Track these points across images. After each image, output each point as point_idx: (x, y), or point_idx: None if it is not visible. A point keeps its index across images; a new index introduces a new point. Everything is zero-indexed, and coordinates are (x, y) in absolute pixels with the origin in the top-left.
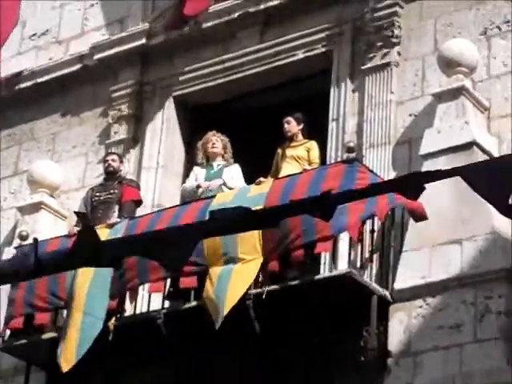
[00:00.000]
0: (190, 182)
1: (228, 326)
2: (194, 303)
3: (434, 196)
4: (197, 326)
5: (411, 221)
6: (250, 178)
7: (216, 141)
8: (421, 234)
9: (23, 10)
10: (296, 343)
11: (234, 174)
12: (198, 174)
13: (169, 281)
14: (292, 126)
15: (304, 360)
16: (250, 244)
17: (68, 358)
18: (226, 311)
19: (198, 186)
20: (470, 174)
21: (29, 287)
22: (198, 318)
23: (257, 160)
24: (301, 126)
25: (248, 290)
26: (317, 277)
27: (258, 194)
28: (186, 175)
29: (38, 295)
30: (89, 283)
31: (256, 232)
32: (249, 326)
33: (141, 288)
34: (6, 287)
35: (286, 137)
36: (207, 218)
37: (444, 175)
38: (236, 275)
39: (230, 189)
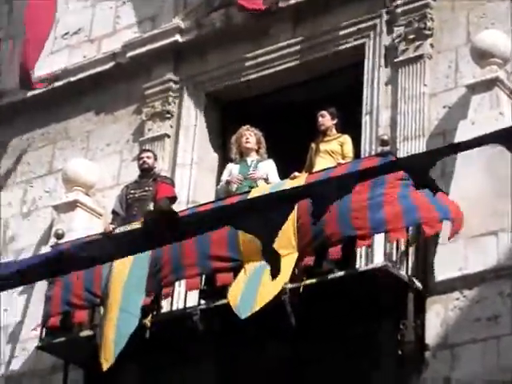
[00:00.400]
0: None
1: (264, 320)
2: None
3: (469, 188)
4: (233, 321)
5: None
6: (283, 173)
7: (250, 135)
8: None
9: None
10: (332, 337)
11: (268, 169)
12: (232, 169)
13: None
14: (326, 119)
15: (341, 354)
16: (285, 239)
17: (107, 356)
18: (259, 305)
19: (228, 182)
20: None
21: (65, 284)
22: (234, 313)
23: (290, 155)
24: (335, 121)
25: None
26: (353, 270)
27: None
28: (220, 171)
29: (74, 293)
30: (125, 280)
31: (291, 226)
32: (285, 320)
33: (177, 284)
34: (41, 286)
35: (319, 131)
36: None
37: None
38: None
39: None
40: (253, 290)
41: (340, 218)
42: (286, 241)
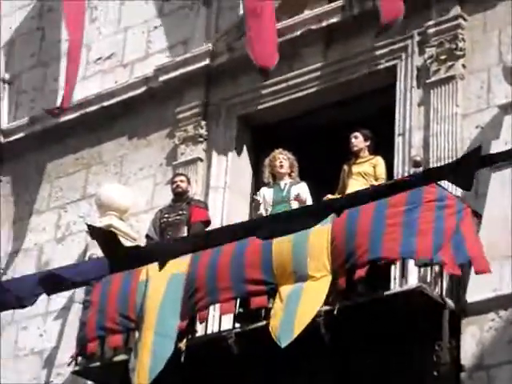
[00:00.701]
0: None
1: (298, 343)
2: (264, 322)
3: (503, 208)
4: (268, 344)
5: (480, 233)
6: (316, 196)
7: (283, 159)
8: (491, 247)
9: (88, 34)
10: (368, 359)
11: (302, 191)
12: (265, 193)
13: (238, 301)
14: (359, 141)
15: (377, 376)
16: (319, 261)
17: (141, 380)
18: (297, 331)
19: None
20: None
21: (100, 308)
22: (268, 336)
23: (322, 178)
24: (368, 143)
25: None
26: (387, 292)
27: None
28: (254, 194)
29: (109, 317)
30: (159, 304)
31: (325, 248)
32: (319, 342)
33: (211, 308)
34: (76, 309)
35: (351, 152)
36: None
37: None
38: (306, 294)
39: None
40: (291, 317)
41: (371, 241)
42: (321, 263)
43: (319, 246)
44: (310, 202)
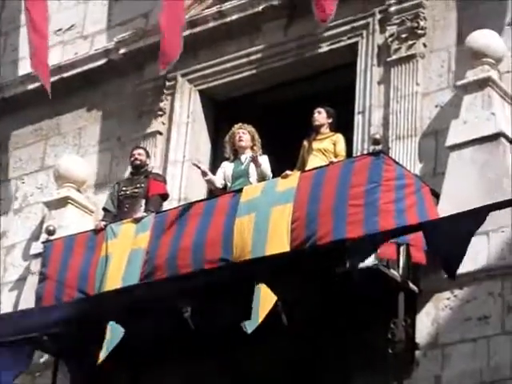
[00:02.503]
0: (220, 180)
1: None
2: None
3: (460, 188)
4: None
5: (438, 212)
6: (275, 172)
7: (243, 133)
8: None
9: (49, 5)
10: (323, 336)
11: (266, 169)
12: (226, 168)
13: None
14: (322, 116)
15: (331, 353)
16: (279, 240)
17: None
18: (262, 316)
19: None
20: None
21: (58, 282)
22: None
23: (282, 153)
24: (330, 120)
25: None
26: (343, 269)
27: (286, 190)
28: (213, 169)
29: (67, 292)
30: (120, 279)
31: (285, 230)
32: (277, 319)
33: None
34: (31, 282)
35: (313, 127)
36: (238, 213)
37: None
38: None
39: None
40: (255, 301)
41: (335, 221)
42: (280, 244)
43: (280, 224)
44: (269, 173)
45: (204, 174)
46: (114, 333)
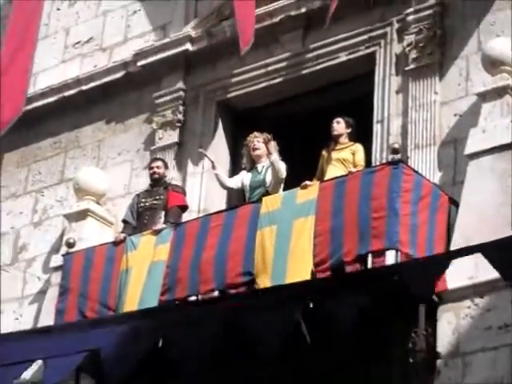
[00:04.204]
0: (234, 182)
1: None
2: None
3: (480, 197)
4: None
5: (457, 222)
6: (294, 182)
7: (257, 142)
8: (467, 235)
9: (67, 18)
10: (344, 345)
11: (276, 158)
12: (244, 178)
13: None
14: (341, 126)
15: (352, 362)
16: (301, 256)
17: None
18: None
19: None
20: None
21: (81, 296)
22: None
23: (301, 164)
24: (349, 130)
25: None
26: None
27: (306, 201)
28: (232, 176)
29: (89, 306)
30: (140, 292)
31: (308, 244)
32: (296, 328)
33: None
34: (51, 295)
35: (331, 137)
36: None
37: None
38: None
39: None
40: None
41: (359, 236)
42: (301, 255)
43: (302, 237)
44: (283, 168)
45: (214, 166)
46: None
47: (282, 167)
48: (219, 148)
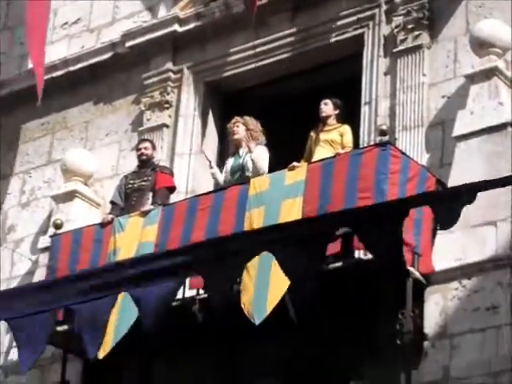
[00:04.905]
0: (222, 177)
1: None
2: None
3: (468, 178)
4: (232, 313)
5: None
6: (282, 163)
7: (237, 126)
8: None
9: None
10: (331, 326)
11: (257, 156)
12: (227, 163)
13: None
14: (329, 108)
15: (339, 344)
16: None
17: (104, 345)
18: (269, 308)
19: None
20: None
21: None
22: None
23: (289, 145)
24: (336, 111)
25: None
26: (351, 261)
27: (294, 183)
28: (220, 161)
29: None
30: None
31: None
32: (285, 311)
33: None
34: (40, 273)
35: (320, 118)
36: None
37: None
38: (276, 267)
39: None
40: (263, 292)
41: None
42: None
43: (290, 219)
44: (265, 164)
45: (211, 165)
46: (123, 318)
47: (263, 163)
48: (207, 129)
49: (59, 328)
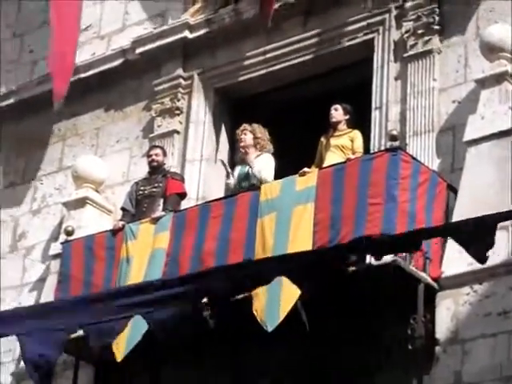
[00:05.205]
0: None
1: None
2: (241, 295)
3: (480, 183)
4: (244, 318)
5: (455, 208)
6: (292, 169)
7: (244, 134)
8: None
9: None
10: (343, 332)
11: (261, 165)
12: (235, 171)
13: None
14: (339, 113)
15: (351, 349)
16: (301, 244)
17: (119, 349)
18: (282, 315)
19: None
20: None
21: (85, 284)
22: (247, 310)
23: (300, 151)
24: (347, 117)
25: None
26: (363, 266)
27: (305, 188)
28: (231, 167)
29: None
30: (142, 277)
31: (308, 232)
32: (296, 315)
33: None
34: (51, 282)
35: (330, 124)
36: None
37: None
38: None
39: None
40: (275, 299)
41: (356, 222)
42: (301, 243)
43: (302, 225)
44: (269, 173)
45: (228, 175)
46: (135, 328)
47: (266, 174)
48: (218, 135)
49: (71, 335)
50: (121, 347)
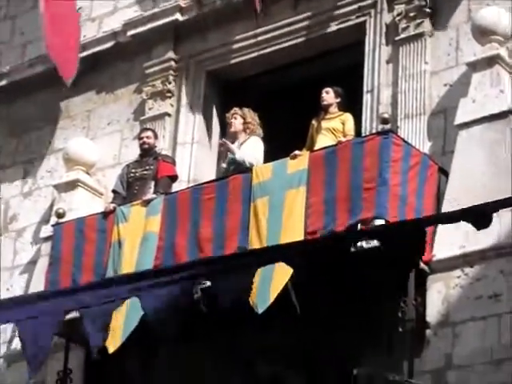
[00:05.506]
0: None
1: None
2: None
3: (470, 166)
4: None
5: (447, 191)
6: (284, 152)
7: (234, 118)
8: (458, 204)
9: None
10: (333, 315)
11: (247, 150)
12: (228, 154)
13: None
14: (330, 96)
15: (341, 332)
16: (294, 228)
17: (115, 339)
18: (272, 297)
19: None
20: None
21: (75, 266)
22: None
23: (291, 133)
24: (338, 99)
25: None
26: (354, 249)
27: (297, 171)
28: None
29: (85, 277)
30: (134, 265)
31: (300, 215)
32: (288, 299)
33: None
34: (41, 265)
35: (321, 106)
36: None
37: None
38: None
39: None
40: (266, 282)
41: (351, 208)
42: (294, 227)
43: (294, 209)
44: (256, 156)
45: (231, 153)
46: (131, 316)
47: (253, 159)
48: (209, 118)
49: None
50: (116, 336)
